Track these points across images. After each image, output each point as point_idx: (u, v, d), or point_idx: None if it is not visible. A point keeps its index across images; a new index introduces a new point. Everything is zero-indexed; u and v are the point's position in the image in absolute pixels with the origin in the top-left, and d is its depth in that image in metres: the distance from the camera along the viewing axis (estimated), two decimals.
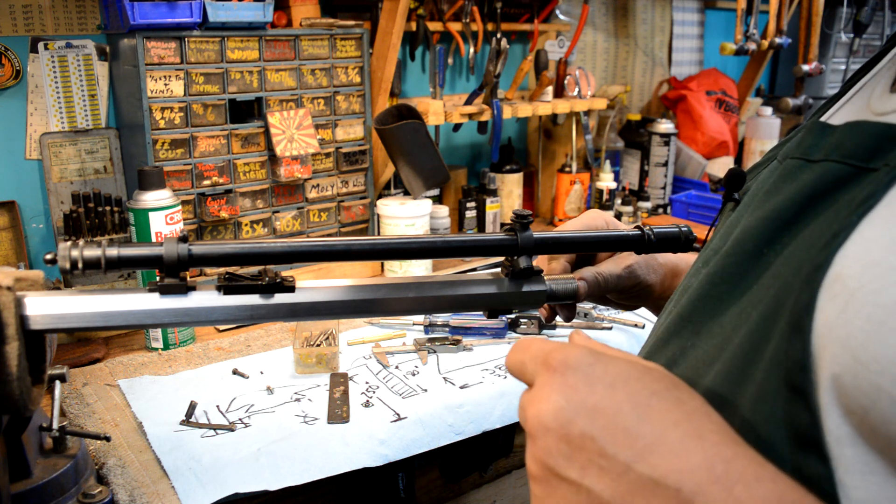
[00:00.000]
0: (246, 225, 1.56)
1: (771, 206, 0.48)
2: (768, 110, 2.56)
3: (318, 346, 1.30)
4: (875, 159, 0.43)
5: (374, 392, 1.21)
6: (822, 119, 0.55)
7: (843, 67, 2.90)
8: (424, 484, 1.27)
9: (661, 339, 0.54)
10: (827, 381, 0.37)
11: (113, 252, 0.60)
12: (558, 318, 1.47)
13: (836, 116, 0.55)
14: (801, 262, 0.42)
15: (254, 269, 0.66)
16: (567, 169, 2.15)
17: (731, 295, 0.48)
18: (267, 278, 0.65)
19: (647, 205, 2.27)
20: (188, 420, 1.11)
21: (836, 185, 0.44)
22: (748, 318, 0.45)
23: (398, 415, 1.14)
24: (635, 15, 2.60)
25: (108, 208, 1.41)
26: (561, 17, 2.31)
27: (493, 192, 2.01)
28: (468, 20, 2.02)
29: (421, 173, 1.66)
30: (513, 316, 1.43)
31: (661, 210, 2.35)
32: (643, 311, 1.56)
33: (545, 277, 0.73)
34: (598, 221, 0.79)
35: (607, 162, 2.22)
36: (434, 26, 1.96)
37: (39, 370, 0.63)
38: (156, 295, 0.62)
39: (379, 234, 1.74)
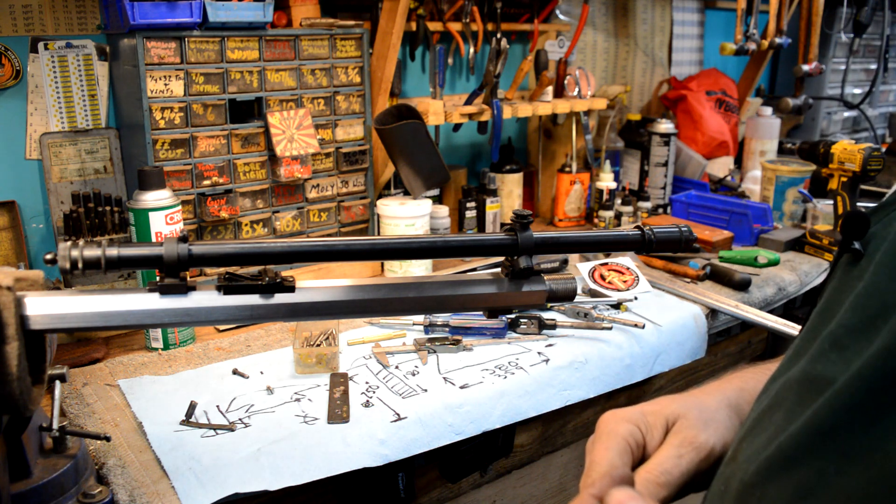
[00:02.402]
0: (246, 225, 1.56)
1: None
2: (768, 110, 2.56)
3: (318, 346, 1.30)
4: None
5: (374, 392, 1.21)
6: None
7: (842, 67, 2.91)
8: (424, 484, 1.27)
9: (786, 455, 0.43)
10: None
11: (113, 252, 0.60)
12: (558, 318, 1.48)
13: None
14: None
15: (254, 269, 0.66)
16: (567, 169, 2.15)
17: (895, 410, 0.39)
18: (267, 278, 0.65)
19: (647, 205, 2.27)
20: (188, 420, 1.11)
21: None
22: None
23: (398, 415, 1.14)
24: (635, 15, 2.60)
25: (108, 208, 1.41)
26: (561, 17, 2.31)
27: (493, 192, 2.01)
28: (468, 20, 2.02)
29: (421, 173, 1.66)
30: (513, 316, 1.43)
31: (661, 210, 2.35)
32: (643, 310, 1.56)
33: (546, 278, 0.73)
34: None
35: (607, 162, 2.22)
36: (434, 26, 1.96)
37: (39, 370, 0.63)
38: (156, 295, 0.62)
39: (379, 234, 1.74)
